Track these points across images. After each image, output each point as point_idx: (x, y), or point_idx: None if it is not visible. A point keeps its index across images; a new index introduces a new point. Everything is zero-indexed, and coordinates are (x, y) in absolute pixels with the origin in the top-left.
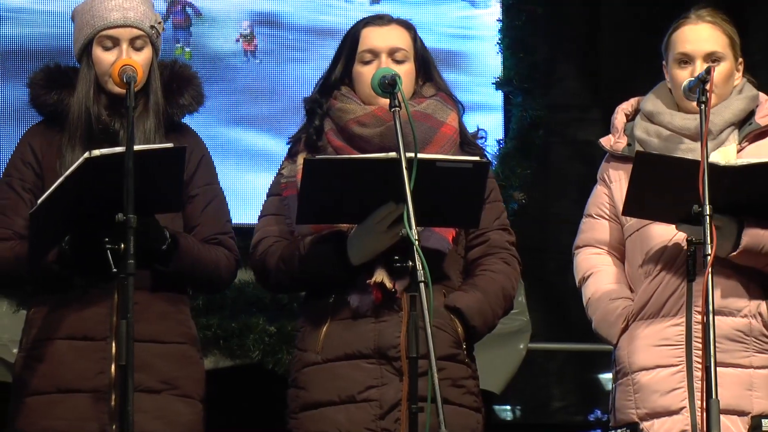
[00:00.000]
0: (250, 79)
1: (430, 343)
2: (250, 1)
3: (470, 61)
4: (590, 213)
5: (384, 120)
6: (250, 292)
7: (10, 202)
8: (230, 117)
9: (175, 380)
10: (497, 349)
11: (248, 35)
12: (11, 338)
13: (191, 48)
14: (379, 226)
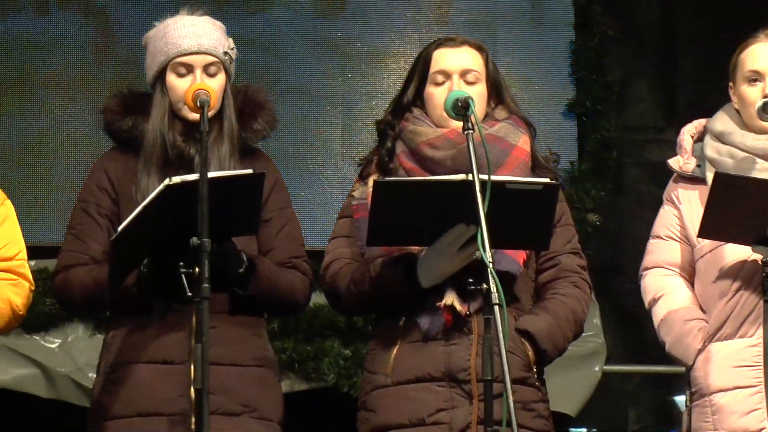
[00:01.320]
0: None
1: (505, 366)
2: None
3: (542, 84)
4: (659, 234)
5: (456, 142)
6: (324, 316)
7: (87, 227)
8: None
9: (254, 403)
10: (573, 372)
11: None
12: (87, 362)
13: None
14: (449, 248)
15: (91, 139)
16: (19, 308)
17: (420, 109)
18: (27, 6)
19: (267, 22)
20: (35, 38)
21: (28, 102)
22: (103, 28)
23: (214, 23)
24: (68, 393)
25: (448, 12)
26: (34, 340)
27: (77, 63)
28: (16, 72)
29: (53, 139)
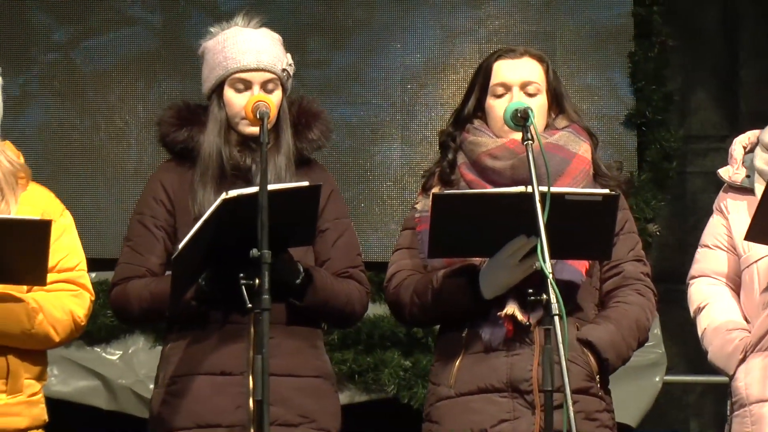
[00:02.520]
0: None
1: (565, 376)
2: None
3: (602, 94)
4: (706, 243)
5: (516, 152)
6: (385, 327)
7: (143, 239)
8: None
9: (312, 414)
10: (633, 382)
11: None
12: (147, 374)
13: None
14: (511, 260)
15: (150, 152)
16: (81, 319)
17: (481, 120)
18: (94, 24)
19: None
20: (96, 52)
21: (88, 116)
22: (163, 40)
23: (272, 37)
24: (129, 405)
25: (508, 22)
26: (95, 352)
27: (136, 75)
28: (77, 87)
29: (112, 152)
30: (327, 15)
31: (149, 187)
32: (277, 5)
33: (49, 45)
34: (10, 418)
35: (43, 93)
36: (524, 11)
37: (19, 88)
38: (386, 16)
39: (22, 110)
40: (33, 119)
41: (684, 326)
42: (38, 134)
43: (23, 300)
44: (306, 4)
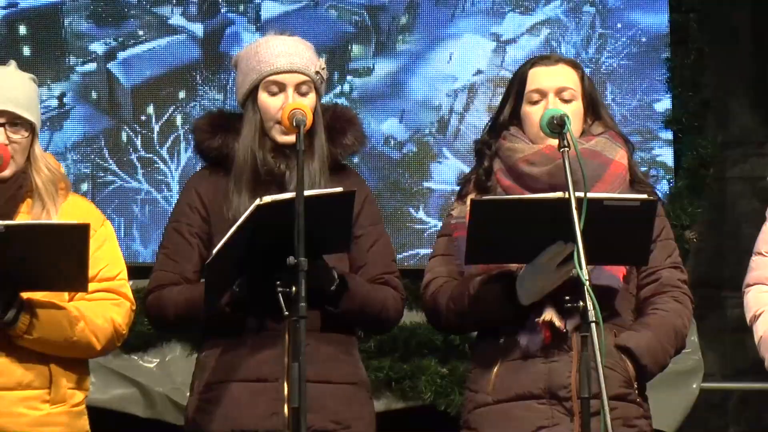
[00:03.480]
0: None
1: (602, 383)
2: None
3: (639, 101)
4: (760, 251)
5: (552, 158)
6: (421, 334)
7: (179, 247)
8: None
9: (347, 420)
10: (670, 389)
11: None
12: (184, 381)
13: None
14: (548, 266)
15: (188, 161)
16: (122, 327)
17: (517, 127)
18: (133, 34)
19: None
20: (135, 63)
21: (126, 127)
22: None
23: (305, 43)
24: (166, 412)
25: (556, 31)
26: (132, 360)
27: (176, 86)
28: (115, 98)
29: (149, 159)
30: (370, 22)
31: (184, 195)
32: (318, 13)
33: (87, 56)
34: (53, 428)
35: (81, 104)
36: (574, 18)
37: (56, 100)
38: (432, 23)
39: (59, 122)
40: (71, 131)
41: (722, 333)
42: (77, 145)
43: (64, 308)
44: (349, 11)
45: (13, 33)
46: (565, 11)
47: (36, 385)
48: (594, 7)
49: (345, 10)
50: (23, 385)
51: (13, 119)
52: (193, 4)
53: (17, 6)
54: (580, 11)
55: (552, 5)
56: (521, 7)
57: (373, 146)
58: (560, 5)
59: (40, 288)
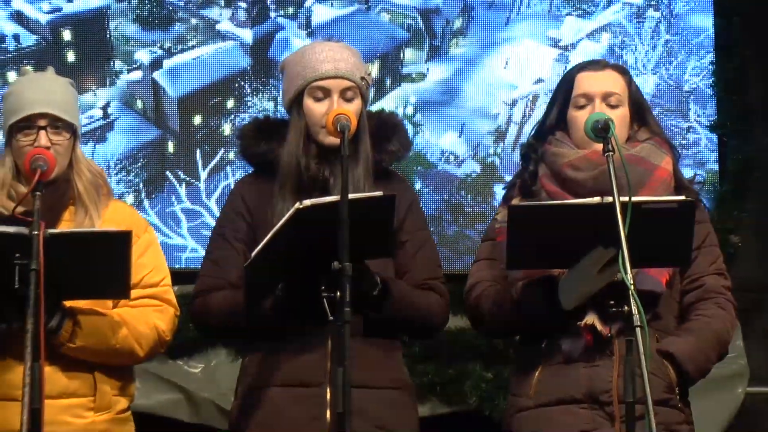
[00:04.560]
0: None
1: (647, 388)
2: None
3: (683, 105)
4: None
5: (597, 163)
6: (466, 339)
7: (223, 253)
8: None
9: (390, 425)
10: (715, 394)
11: None
12: (229, 387)
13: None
14: (590, 270)
15: (235, 165)
16: (165, 333)
17: (563, 132)
18: (179, 41)
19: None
20: (181, 71)
21: (172, 136)
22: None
23: (350, 49)
24: (211, 417)
25: (605, 36)
26: (178, 366)
27: (225, 94)
28: (161, 108)
29: (192, 165)
30: (424, 26)
31: (229, 201)
32: (370, 18)
33: (132, 63)
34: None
35: (126, 115)
36: (637, 23)
37: (101, 110)
38: (487, 27)
39: (103, 132)
40: (116, 140)
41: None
42: (122, 154)
43: (108, 315)
44: (401, 14)
45: (57, 39)
46: (629, 16)
47: (80, 393)
48: (659, 12)
49: (397, 13)
50: (68, 393)
51: (54, 121)
52: (241, 9)
53: (61, 11)
54: (643, 16)
55: (612, 9)
56: (579, 10)
57: (432, 163)
58: (621, 9)
59: (83, 296)
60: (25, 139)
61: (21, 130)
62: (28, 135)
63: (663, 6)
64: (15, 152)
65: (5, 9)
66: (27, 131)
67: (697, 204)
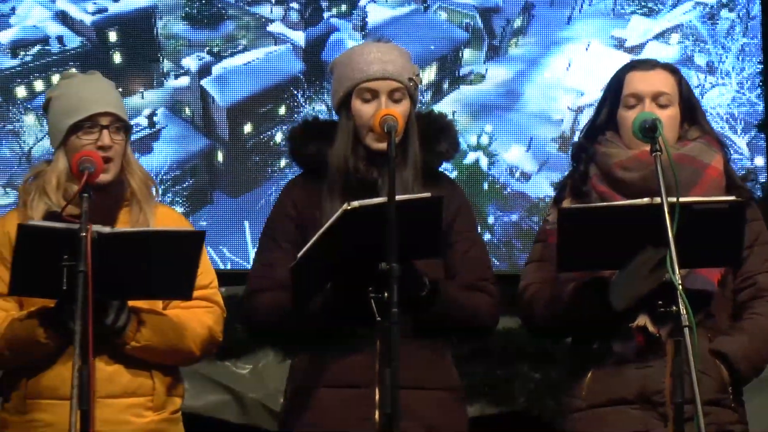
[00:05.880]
0: None
1: (695, 388)
2: None
3: (732, 105)
4: None
5: (647, 163)
6: (515, 339)
7: (273, 254)
8: None
9: (440, 426)
10: None
11: None
12: (278, 387)
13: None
14: (640, 271)
15: (287, 174)
16: (218, 334)
17: (613, 132)
18: (228, 46)
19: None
20: (230, 77)
21: (218, 143)
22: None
23: (399, 50)
24: (259, 418)
25: (674, 37)
26: (226, 367)
27: (276, 101)
28: (209, 115)
29: (241, 167)
30: (483, 25)
31: (279, 202)
32: (428, 17)
33: (179, 69)
34: None
35: (173, 122)
36: (710, 25)
37: (146, 119)
38: (548, 25)
39: (149, 142)
40: (162, 150)
41: None
42: (169, 165)
43: (167, 316)
44: (460, 13)
45: (103, 40)
46: (701, 17)
47: (141, 392)
48: (734, 13)
49: (456, 12)
50: (129, 392)
51: (115, 121)
52: (294, 11)
53: (107, 11)
54: (716, 18)
55: (681, 9)
56: (645, 9)
57: (495, 177)
58: (692, 9)
59: (146, 295)
60: (86, 137)
61: (81, 129)
62: (90, 134)
63: (739, 7)
64: (73, 152)
65: (50, 9)
66: (88, 130)
67: (749, 203)
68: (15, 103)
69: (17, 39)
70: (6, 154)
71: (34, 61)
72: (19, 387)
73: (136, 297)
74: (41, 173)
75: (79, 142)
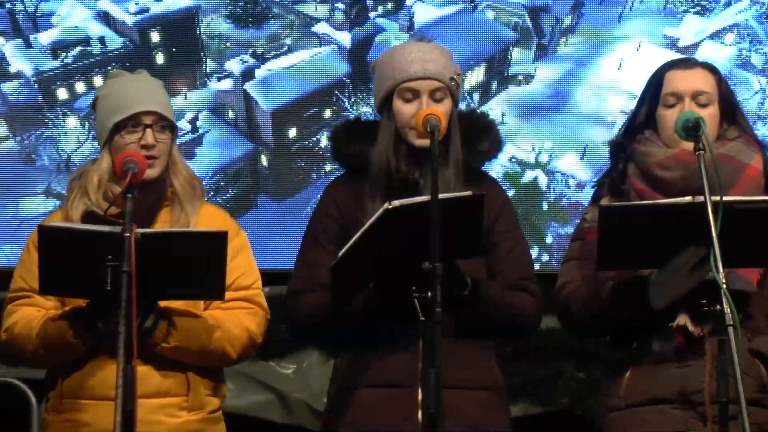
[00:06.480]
0: None
1: (740, 388)
2: None
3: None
4: None
5: (687, 162)
6: (557, 339)
7: (315, 254)
8: None
9: (483, 426)
10: None
11: None
12: (321, 387)
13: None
14: (681, 270)
15: (325, 171)
16: (257, 336)
17: (652, 130)
18: (272, 48)
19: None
20: (274, 81)
21: (262, 146)
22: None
23: (441, 49)
24: (303, 418)
25: (729, 37)
26: (270, 366)
27: (321, 104)
28: (253, 119)
29: (286, 172)
30: (531, 24)
31: (321, 202)
32: (475, 17)
33: (222, 71)
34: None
35: (216, 126)
36: (763, 21)
37: (189, 124)
38: (598, 24)
39: (191, 148)
40: (205, 155)
41: None
42: (212, 170)
43: (201, 317)
44: (508, 12)
45: (145, 40)
46: (758, 16)
47: (174, 392)
48: None
49: (504, 11)
50: (161, 392)
51: (159, 120)
52: (339, 11)
53: (149, 11)
54: None
55: (736, 8)
56: (697, 7)
57: (553, 194)
58: (748, 7)
59: (178, 296)
60: (130, 137)
61: (125, 128)
62: (133, 133)
63: None
64: (117, 151)
65: (91, 9)
66: (132, 129)
67: None
68: (56, 106)
69: (58, 40)
70: (45, 162)
71: (75, 62)
72: (55, 386)
73: (168, 297)
74: (86, 172)
75: (122, 141)
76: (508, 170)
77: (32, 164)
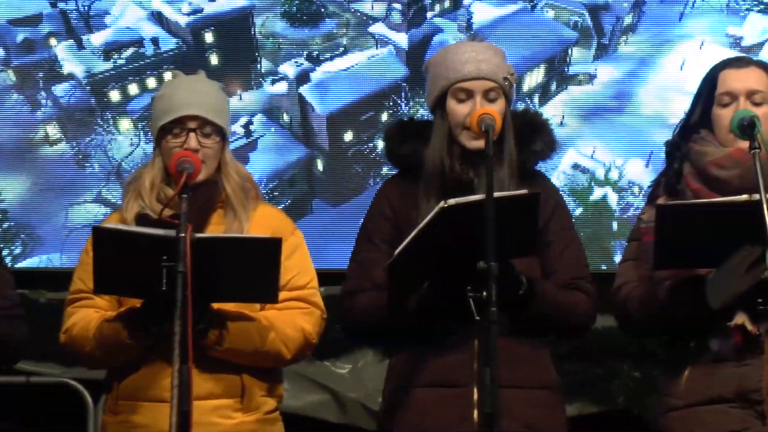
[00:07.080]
0: None
1: None
2: None
3: None
4: None
5: (742, 162)
6: (614, 338)
7: (369, 254)
8: None
9: (539, 425)
10: None
11: None
12: (376, 387)
13: None
14: (738, 269)
15: (382, 175)
16: (312, 336)
17: (707, 129)
18: (326, 51)
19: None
20: (329, 84)
21: (317, 150)
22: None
23: (494, 48)
24: (359, 418)
25: (742, 34)
26: (325, 366)
27: (377, 108)
28: (307, 123)
29: (342, 176)
30: (592, 23)
31: (375, 203)
32: (534, 16)
33: (276, 74)
34: None
35: (271, 130)
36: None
37: (243, 128)
38: (659, 22)
39: (246, 151)
40: (259, 160)
41: None
42: (266, 175)
43: (255, 318)
44: (568, 10)
45: (199, 41)
46: None
47: (227, 394)
48: None
49: (563, 10)
50: (215, 394)
51: (204, 124)
52: (396, 12)
53: (202, 12)
54: None
55: None
56: (761, 5)
57: (622, 213)
58: None
59: (231, 299)
60: (174, 140)
61: (171, 131)
62: (178, 137)
63: None
64: (164, 154)
65: (144, 9)
66: (177, 133)
67: None
68: (108, 108)
69: (111, 41)
70: (95, 169)
71: (128, 64)
72: (111, 388)
73: (221, 300)
74: (140, 175)
75: (167, 145)
76: (575, 187)
77: (83, 169)
